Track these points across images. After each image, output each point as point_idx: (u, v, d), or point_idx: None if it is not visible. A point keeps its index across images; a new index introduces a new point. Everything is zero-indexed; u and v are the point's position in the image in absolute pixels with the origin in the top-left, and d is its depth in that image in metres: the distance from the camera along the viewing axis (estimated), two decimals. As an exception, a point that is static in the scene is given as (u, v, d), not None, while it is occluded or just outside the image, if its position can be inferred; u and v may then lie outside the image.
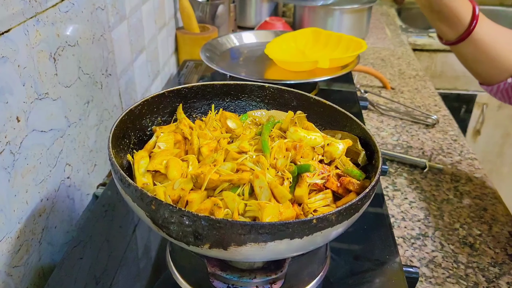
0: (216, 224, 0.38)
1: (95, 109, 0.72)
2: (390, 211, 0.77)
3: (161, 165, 0.47)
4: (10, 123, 0.50)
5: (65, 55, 0.62)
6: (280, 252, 0.41)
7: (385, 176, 0.86)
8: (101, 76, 0.74)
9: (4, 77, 0.48)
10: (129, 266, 0.56)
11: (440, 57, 1.63)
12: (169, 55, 1.18)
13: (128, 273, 0.55)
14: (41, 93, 0.56)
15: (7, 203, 0.50)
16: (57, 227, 0.62)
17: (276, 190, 0.44)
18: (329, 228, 0.41)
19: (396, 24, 1.79)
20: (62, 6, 0.60)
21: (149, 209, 0.40)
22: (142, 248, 0.62)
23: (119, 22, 0.81)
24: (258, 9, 1.61)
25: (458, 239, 0.72)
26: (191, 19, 1.19)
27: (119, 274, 0.55)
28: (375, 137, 1.00)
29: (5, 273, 0.51)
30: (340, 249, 0.58)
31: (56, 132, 0.60)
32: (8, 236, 0.51)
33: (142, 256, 0.60)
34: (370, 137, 0.52)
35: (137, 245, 0.62)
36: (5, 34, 0.48)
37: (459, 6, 0.71)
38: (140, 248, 0.61)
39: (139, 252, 0.60)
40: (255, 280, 0.51)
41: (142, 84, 0.96)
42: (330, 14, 1.47)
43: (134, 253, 0.59)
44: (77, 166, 0.67)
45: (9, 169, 0.50)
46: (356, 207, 0.42)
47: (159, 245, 0.60)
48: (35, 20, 0.54)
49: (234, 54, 1.06)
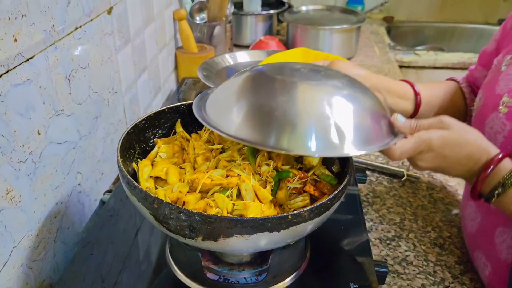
0: (207, 219, 0.46)
1: (102, 124, 0.81)
2: (369, 216, 0.85)
3: (162, 172, 0.55)
4: (32, 136, 0.58)
5: (78, 76, 0.70)
6: (262, 244, 0.49)
7: (366, 184, 0.94)
8: (108, 93, 0.83)
9: (28, 97, 0.57)
10: (132, 266, 0.63)
11: (426, 73, 1.72)
12: (169, 73, 1.27)
13: (131, 272, 0.62)
14: (57, 110, 0.64)
15: (29, 205, 0.58)
16: (69, 228, 0.70)
17: (259, 192, 0.52)
18: (302, 223, 0.49)
19: (385, 42, 1.89)
20: (76, 33, 0.69)
21: (152, 207, 0.48)
22: (144, 250, 0.69)
23: (124, 45, 0.90)
24: (253, 28, 1.70)
25: (430, 240, 0.80)
26: (189, 39, 1.29)
27: (123, 272, 0.62)
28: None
29: (26, 266, 0.59)
30: (319, 246, 0.66)
31: (70, 144, 0.69)
32: (29, 233, 0.59)
33: (144, 256, 0.67)
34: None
35: (139, 247, 0.69)
36: (30, 60, 0.57)
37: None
38: (142, 250, 0.69)
39: (141, 252, 0.68)
40: (243, 272, 0.58)
41: (144, 100, 1.05)
42: (321, 34, 1.57)
43: (137, 253, 0.66)
44: (86, 175, 0.75)
45: (31, 176, 0.58)
46: (326, 206, 0.50)
47: (160, 247, 0.67)
48: (53, 47, 0.62)
49: (230, 72, 1.15)
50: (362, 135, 0.53)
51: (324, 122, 0.51)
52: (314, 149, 0.50)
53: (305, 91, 0.53)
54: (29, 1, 0.56)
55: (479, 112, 0.69)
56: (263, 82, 0.56)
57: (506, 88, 0.64)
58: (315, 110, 0.52)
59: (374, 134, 0.54)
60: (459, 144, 0.57)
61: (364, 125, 0.54)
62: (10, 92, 0.53)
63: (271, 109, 0.51)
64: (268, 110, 0.51)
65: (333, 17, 1.69)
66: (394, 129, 0.58)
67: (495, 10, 2.14)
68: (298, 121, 0.51)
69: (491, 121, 0.65)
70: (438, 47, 2.06)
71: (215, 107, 0.57)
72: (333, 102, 0.53)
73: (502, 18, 2.15)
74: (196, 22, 1.40)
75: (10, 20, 0.52)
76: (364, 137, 0.53)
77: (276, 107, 0.51)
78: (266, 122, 0.51)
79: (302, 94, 0.53)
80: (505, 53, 0.70)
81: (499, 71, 0.68)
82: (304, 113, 0.51)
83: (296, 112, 0.51)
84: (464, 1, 2.16)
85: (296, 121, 0.51)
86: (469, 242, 0.75)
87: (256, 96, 0.54)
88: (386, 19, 2.19)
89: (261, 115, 0.52)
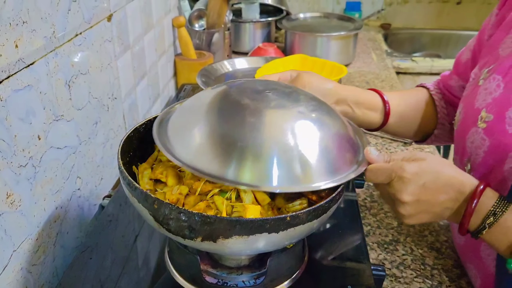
0: (207, 219, 0.46)
1: (102, 129, 0.81)
2: (367, 220, 0.86)
3: (161, 174, 0.56)
4: (33, 140, 0.59)
5: (78, 82, 0.71)
6: (261, 245, 0.49)
7: (364, 189, 0.95)
8: (108, 99, 0.84)
9: (29, 102, 0.58)
10: (131, 270, 0.63)
11: (423, 79, 1.73)
12: (168, 80, 1.28)
13: (130, 277, 0.62)
14: (58, 115, 0.65)
15: (29, 209, 0.59)
16: (69, 232, 0.70)
17: (258, 195, 0.53)
18: (300, 225, 0.49)
19: (382, 49, 1.90)
20: (76, 40, 0.70)
21: (152, 208, 0.48)
22: (143, 254, 0.69)
23: (124, 51, 0.91)
24: (252, 35, 1.72)
25: (427, 244, 0.80)
26: (188, 46, 1.30)
27: (122, 277, 0.62)
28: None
29: (26, 270, 0.59)
30: (317, 250, 0.67)
31: (70, 149, 0.69)
32: (29, 237, 0.59)
33: (143, 260, 0.67)
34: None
35: (138, 252, 0.69)
36: (31, 66, 0.58)
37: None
38: (141, 254, 0.69)
39: (140, 257, 0.68)
40: (241, 276, 0.59)
41: (143, 106, 1.05)
42: (318, 40, 1.58)
43: (136, 258, 0.67)
44: (86, 179, 0.76)
45: (31, 180, 0.59)
46: (324, 208, 0.51)
47: (159, 251, 0.68)
48: (54, 53, 0.63)
49: (229, 79, 1.16)
50: (329, 165, 0.52)
51: (289, 154, 0.50)
52: (276, 183, 0.49)
53: (269, 118, 0.52)
54: (30, 8, 0.57)
55: (460, 127, 0.69)
56: (226, 107, 0.54)
57: (484, 103, 0.64)
58: (279, 140, 0.51)
59: (341, 162, 0.54)
60: (436, 171, 0.56)
61: (330, 154, 0.53)
62: (11, 97, 0.54)
63: (232, 139, 0.50)
64: (229, 140, 0.50)
65: (331, 24, 1.71)
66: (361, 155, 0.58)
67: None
68: (261, 153, 0.49)
69: (471, 135, 0.64)
70: (435, 54, 2.08)
71: (175, 129, 0.55)
72: (298, 131, 0.52)
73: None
74: (195, 29, 1.41)
75: (11, 26, 0.53)
76: (331, 167, 0.52)
77: (238, 136, 0.50)
78: (227, 153, 0.49)
79: (266, 122, 0.51)
80: (481, 66, 0.70)
81: (477, 84, 0.67)
82: (267, 143, 0.50)
83: (259, 143, 0.50)
84: (460, 9, 2.18)
85: (259, 153, 0.49)
86: (460, 253, 0.75)
87: (218, 123, 0.53)
88: (383, 26, 2.21)
89: (222, 144, 0.50)
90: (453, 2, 2.18)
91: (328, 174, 0.52)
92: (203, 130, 0.53)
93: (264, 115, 0.52)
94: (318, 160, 0.52)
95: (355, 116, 0.76)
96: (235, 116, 0.52)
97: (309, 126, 0.54)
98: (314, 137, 0.53)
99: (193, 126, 0.54)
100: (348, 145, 0.57)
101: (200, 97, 0.58)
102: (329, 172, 0.52)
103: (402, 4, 2.22)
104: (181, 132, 0.54)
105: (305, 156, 0.51)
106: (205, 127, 0.53)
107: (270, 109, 0.53)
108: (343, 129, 0.57)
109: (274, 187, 0.49)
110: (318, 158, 0.52)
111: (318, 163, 0.52)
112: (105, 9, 0.80)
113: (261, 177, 0.49)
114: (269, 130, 0.51)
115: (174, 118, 0.57)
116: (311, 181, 0.51)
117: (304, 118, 0.54)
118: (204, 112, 0.55)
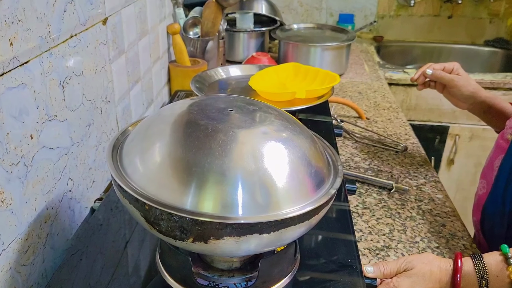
0: (198, 220, 0.46)
1: (95, 132, 0.81)
2: (359, 226, 0.86)
3: (154, 175, 0.55)
4: (25, 139, 0.59)
5: (72, 83, 0.71)
6: (252, 246, 0.49)
7: (356, 196, 0.95)
8: (101, 102, 0.84)
9: (22, 101, 0.57)
10: (122, 273, 0.62)
11: (415, 91, 1.76)
12: (162, 86, 1.29)
13: (120, 281, 0.61)
14: (51, 115, 0.65)
15: (19, 208, 0.58)
16: (59, 234, 0.70)
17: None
18: (292, 226, 0.49)
19: (375, 61, 1.92)
20: (71, 41, 0.70)
21: (143, 209, 0.48)
22: (134, 257, 0.68)
23: (118, 55, 0.91)
24: (245, 45, 1.73)
25: (418, 250, 0.80)
26: (182, 53, 1.30)
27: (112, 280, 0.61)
28: (348, 161, 1.10)
29: (14, 270, 0.58)
30: (309, 254, 0.67)
31: (62, 149, 0.69)
32: (19, 237, 0.59)
33: (134, 263, 0.66)
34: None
35: (129, 254, 0.68)
36: (25, 65, 0.58)
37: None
38: (131, 257, 0.68)
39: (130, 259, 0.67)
40: (233, 278, 0.59)
41: (137, 111, 1.06)
42: (311, 51, 1.60)
43: (126, 260, 0.66)
44: (78, 181, 0.75)
45: (23, 179, 0.59)
46: (315, 210, 0.51)
47: (150, 254, 0.67)
48: (48, 53, 0.63)
49: (222, 85, 1.16)
50: (297, 189, 0.50)
51: (252, 179, 0.47)
52: (241, 212, 0.46)
53: (231, 141, 0.48)
54: (26, 7, 0.57)
55: None
56: (184, 128, 0.51)
57: None
58: (241, 165, 0.47)
59: (310, 184, 0.51)
60: (423, 274, 0.67)
61: (298, 176, 0.50)
62: (5, 95, 0.54)
63: (187, 164, 0.47)
64: (186, 166, 0.47)
65: (324, 35, 1.73)
66: (333, 174, 0.56)
67: (482, 32, 2.20)
68: (222, 180, 0.46)
69: None
70: (427, 66, 2.10)
71: (130, 154, 0.52)
72: (261, 155, 0.48)
73: (488, 39, 2.21)
74: (189, 36, 1.42)
75: (7, 24, 0.53)
76: (299, 191, 0.50)
77: (193, 161, 0.47)
78: (184, 181, 0.46)
79: (228, 145, 0.48)
80: None
81: None
82: (229, 169, 0.47)
83: (220, 170, 0.46)
84: (451, 23, 2.22)
85: (220, 180, 0.46)
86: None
87: (175, 146, 0.49)
88: (375, 39, 2.24)
89: (178, 171, 0.47)
90: (444, 16, 2.21)
91: (297, 198, 0.49)
92: (157, 155, 0.50)
93: (225, 136, 0.49)
94: (285, 184, 0.48)
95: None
96: (193, 139, 0.49)
97: (274, 147, 0.50)
98: (280, 159, 0.50)
99: (149, 151, 0.51)
100: (318, 165, 0.54)
101: (160, 115, 0.55)
102: (298, 196, 0.50)
103: (395, 17, 2.25)
104: (136, 157, 0.51)
105: (270, 181, 0.48)
106: (160, 151, 0.50)
107: (231, 130, 0.49)
108: (312, 149, 0.54)
109: (239, 215, 0.46)
110: (285, 182, 0.49)
111: (285, 187, 0.48)
112: (100, 12, 0.80)
113: (224, 207, 0.46)
114: (230, 153, 0.47)
115: (129, 141, 0.55)
116: (279, 207, 0.48)
117: (269, 139, 0.51)
118: (159, 134, 0.52)
